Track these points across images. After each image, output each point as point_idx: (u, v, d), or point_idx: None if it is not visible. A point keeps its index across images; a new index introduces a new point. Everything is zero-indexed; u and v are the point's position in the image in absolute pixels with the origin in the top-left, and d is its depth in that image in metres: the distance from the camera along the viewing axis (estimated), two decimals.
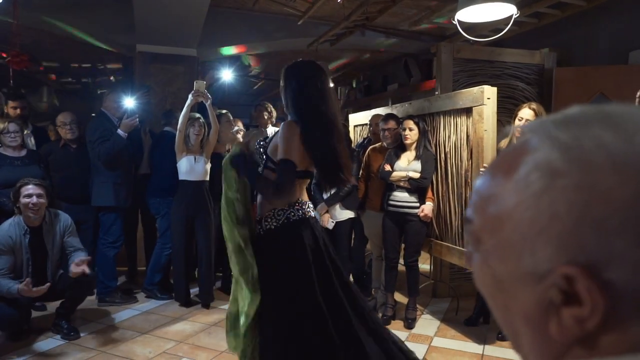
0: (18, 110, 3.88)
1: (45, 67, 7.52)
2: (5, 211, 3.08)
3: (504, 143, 3.10)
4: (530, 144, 0.39)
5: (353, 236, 3.90)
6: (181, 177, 3.63)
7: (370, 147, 3.69)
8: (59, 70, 8.05)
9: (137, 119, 3.70)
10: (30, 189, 2.86)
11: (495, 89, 2.95)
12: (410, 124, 3.27)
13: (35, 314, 3.30)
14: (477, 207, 0.41)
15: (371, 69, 7.93)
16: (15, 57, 3.77)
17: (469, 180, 3.09)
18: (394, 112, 3.79)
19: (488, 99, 2.91)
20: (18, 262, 2.87)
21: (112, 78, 7.89)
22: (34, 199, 2.86)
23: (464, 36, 3.46)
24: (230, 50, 5.85)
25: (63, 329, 3.04)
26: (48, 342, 2.98)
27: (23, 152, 3.46)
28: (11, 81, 3.95)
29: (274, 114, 4.53)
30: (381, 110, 4.16)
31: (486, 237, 0.40)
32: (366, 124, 4.29)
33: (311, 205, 1.96)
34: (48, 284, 2.72)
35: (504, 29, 3.46)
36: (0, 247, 2.82)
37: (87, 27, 5.10)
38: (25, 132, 3.69)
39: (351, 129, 4.66)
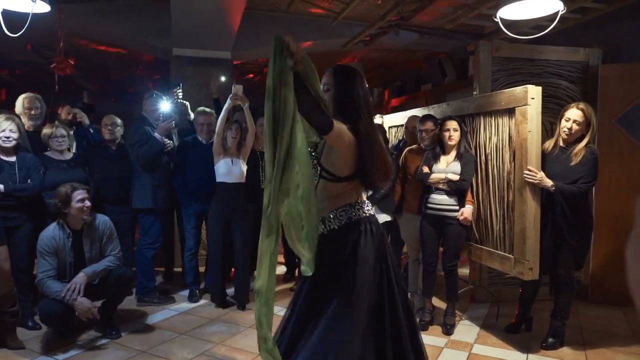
0: (70, 116, 3.97)
1: (84, 72, 7.77)
2: (52, 212, 3.18)
3: (549, 144, 2.99)
4: None
5: (389, 239, 3.85)
6: (219, 179, 3.67)
7: (407, 148, 3.63)
8: (98, 75, 8.30)
9: (173, 122, 3.76)
10: (81, 193, 2.98)
11: (539, 88, 2.84)
12: (454, 124, 3.19)
13: None
14: None
15: (404, 69, 7.82)
16: (60, 63, 3.90)
17: (512, 182, 2.99)
18: (431, 112, 3.72)
19: (532, 99, 2.80)
20: (61, 264, 2.98)
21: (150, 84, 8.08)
22: (87, 203, 2.99)
23: (505, 34, 3.34)
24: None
25: (105, 327, 3.12)
26: (91, 340, 3.06)
27: (69, 156, 3.58)
28: (56, 87, 4.09)
29: None
30: (417, 111, 4.08)
31: None
32: (402, 125, 4.22)
33: (369, 205, 1.88)
34: (97, 313, 2.90)
35: (546, 26, 3.33)
36: (45, 249, 2.92)
37: (125, 32, 5.23)
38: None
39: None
